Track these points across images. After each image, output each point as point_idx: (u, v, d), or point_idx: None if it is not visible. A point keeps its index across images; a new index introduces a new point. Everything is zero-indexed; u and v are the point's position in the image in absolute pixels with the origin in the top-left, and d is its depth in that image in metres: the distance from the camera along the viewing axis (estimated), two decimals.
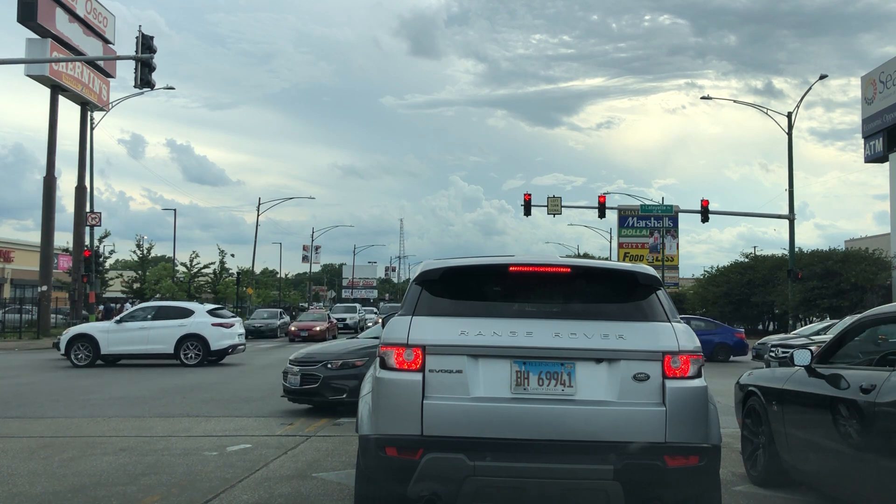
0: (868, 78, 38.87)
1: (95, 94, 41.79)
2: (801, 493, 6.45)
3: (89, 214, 41.21)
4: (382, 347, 4.58)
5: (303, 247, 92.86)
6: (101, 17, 42.41)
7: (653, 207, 47.07)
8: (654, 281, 4.79)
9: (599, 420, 4.32)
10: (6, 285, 56.99)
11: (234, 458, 7.99)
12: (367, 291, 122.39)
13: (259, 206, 66.43)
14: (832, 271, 36.59)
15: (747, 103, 47.78)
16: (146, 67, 24.01)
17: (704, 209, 38.63)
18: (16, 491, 6.53)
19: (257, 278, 77.61)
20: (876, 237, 48.56)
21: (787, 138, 38.78)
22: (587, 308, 4.71)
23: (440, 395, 4.37)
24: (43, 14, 36.55)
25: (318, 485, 6.77)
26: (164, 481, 6.87)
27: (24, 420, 10.91)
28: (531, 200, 40.25)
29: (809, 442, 5.74)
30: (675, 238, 62.05)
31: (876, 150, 38.18)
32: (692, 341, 4.54)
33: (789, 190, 38.66)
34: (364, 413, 4.71)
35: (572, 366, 4.43)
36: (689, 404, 4.39)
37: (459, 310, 4.62)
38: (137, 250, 57.88)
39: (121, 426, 10.24)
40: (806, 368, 5.95)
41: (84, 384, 16.19)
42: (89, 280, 39.23)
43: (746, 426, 7.13)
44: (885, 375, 4.77)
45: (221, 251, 66.12)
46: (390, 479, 4.45)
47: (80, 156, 41.59)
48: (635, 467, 4.20)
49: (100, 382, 16.58)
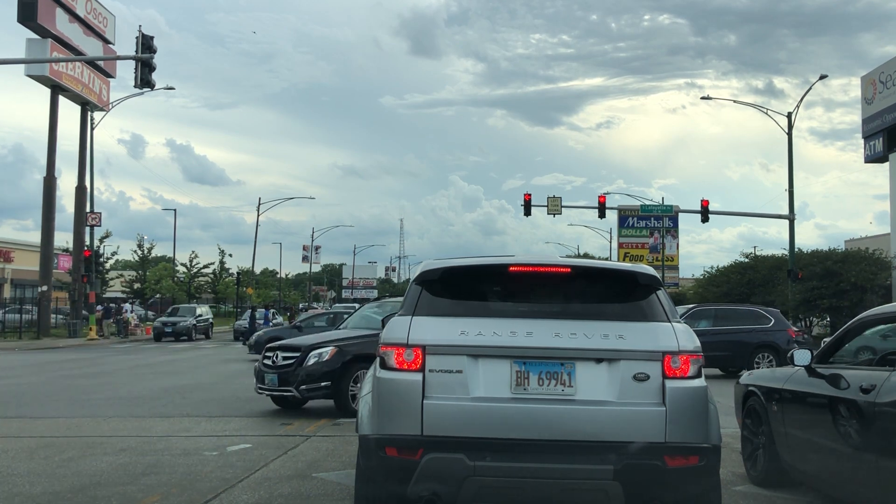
0: (868, 78, 38.85)
1: (95, 94, 41.79)
2: (801, 493, 6.44)
3: (89, 214, 41.22)
4: (382, 347, 4.58)
5: (303, 247, 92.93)
6: (101, 17, 42.42)
7: (653, 207, 47.06)
8: (654, 281, 4.79)
9: (599, 420, 4.32)
10: (6, 285, 56.96)
11: (234, 458, 7.99)
12: (367, 291, 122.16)
13: (259, 206, 66.45)
14: (832, 271, 36.52)
15: (747, 103, 47.77)
16: (146, 67, 24.02)
17: (704, 209, 38.63)
18: (16, 491, 6.53)
19: (257, 278, 77.65)
20: (876, 237, 48.50)
21: (787, 138, 38.79)
22: (587, 308, 4.71)
23: (440, 395, 4.37)
24: (43, 14, 36.56)
25: (318, 485, 6.77)
26: (164, 481, 6.87)
27: (24, 420, 10.91)
28: (531, 200, 40.25)
29: (809, 442, 5.74)
30: (675, 238, 62.04)
31: (876, 151, 38.14)
32: (692, 341, 4.54)
33: (789, 190, 38.66)
34: (364, 413, 4.71)
35: (572, 366, 4.43)
36: (689, 404, 4.39)
37: (459, 310, 4.62)
38: (138, 250, 57.95)
39: (121, 426, 10.23)
40: (806, 368, 5.95)
41: (84, 384, 16.19)
42: (89, 280, 39.25)
43: (746, 426, 7.13)
44: (885, 375, 4.77)
45: (221, 251, 66.33)
46: (390, 480, 4.45)
47: (80, 156, 41.61)
48: (635, 467, 4.20)
49: (100, 382, 16.59)
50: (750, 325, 19.23)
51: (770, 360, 18.26)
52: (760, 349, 18.67)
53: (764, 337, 18.92)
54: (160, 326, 39.09)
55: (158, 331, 38.77)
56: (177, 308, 44.20)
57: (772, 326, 19.18)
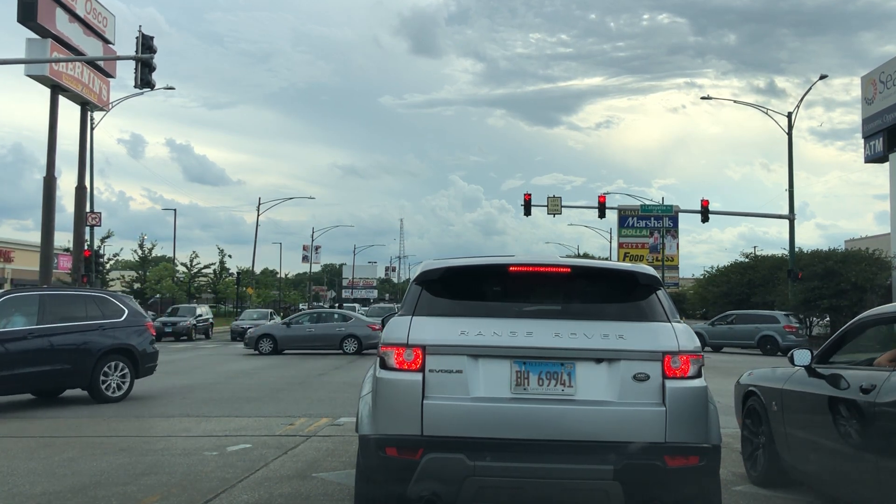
0: (868, 78, 38.85)
1: (95, 94, 41.78)
2: (801, 493, 6.44)
3: (89, 214, 41.22)
4: (382, 347, 4.58)
5: (303, 247, 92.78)
6: (101, 17, 42.40)
7: (653, 207, 47.08)
8: (654, 281, 4.79)
9: (599, 420, 4.32)
10: (6, 285, 56.93)
11: (234, 458, 7.99)
12: (367, 291, 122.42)
13: (259, 205, 66.39)
14: (832, 271, 36.55)
15: (747, 103, 47.80)
16: (146, 67, 24.01)
17: (704, 209, 38.65)
18: (16, 491, 6.53)
19: (257, 278, 77.57)
20: (876, 237, 48.52)
21: (787, 138, 38.80)
22: (587, 308, 4.71)
23: (440, 395, 4.37)
24: (43, 14, 36.53)
25: (318, 485, 6.77)
26: (164, 481, 6.87)
27: (24, 420, 10.91)
28: (531, 200, 40.27)
29: (809, 442, 5.74)
30: (676, 238, 62.06)
31: (876, 151, 38.15)
32: (692, 341, 4.55)
33: (789, 190, 38.68)
34: (364, 413, 4.71)
35: (572, 366, 4.43)
36: (689, 404, 4.39)
37: (459, 310, 4.62)
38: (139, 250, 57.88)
39: (121, 426, 10.24)
40: (806, 368, 5.95)
41: None
42: (89, 280, 39.22)
43: (746, 426, 7.13)
44: (885, 375, 4.77)
45: (221, 251, 66.17)
46: (390, 480, 4.45)
47: (80, 156, 41.56)
48: (635, 467, 4.20)
49: None
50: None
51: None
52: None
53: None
54: (160, 326, 39.07)
55: (158, 331, 38.73)
56: (177, 308, 44.23)
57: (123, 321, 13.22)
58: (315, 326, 27.48)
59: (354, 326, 26.86)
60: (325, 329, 27.25)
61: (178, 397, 13.69)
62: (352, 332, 26.67)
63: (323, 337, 26.91)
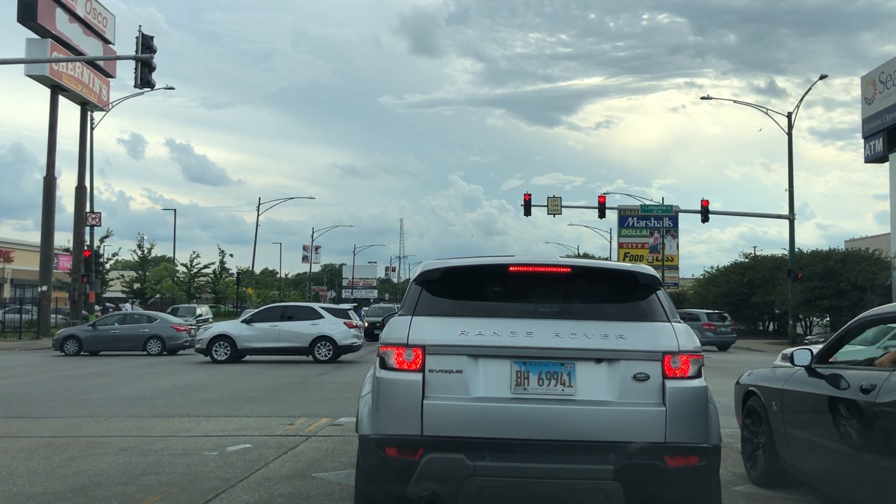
0: (868, 78, 38.86)
1: (95, 94, 41.79)
2: (801, 493, 6.44)
3: (89, 214, 41.24)
4: (382, 347, 4.58)
5: (303, 247, 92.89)
6: (101, 17, 42.42)
7: (653, 207, 47.10)
8: (654, 281, 4.79)
9: (599, 420, 4.32)
10: (6, 285, 56.98)
11: (234, 458, 7.99)
12: (367, 291, 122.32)
13: (259, 205, 66.48)
14: (832, 271, 36.56)
15: (747, 103, 47.77)
16: (146, 67, 24.02)
17: (704, 209, 38.67)
18: (16, 491, 6.53)
19: (257, 278, 77.66)
20: (876, 237, 48.55)
21: (787, 138, 38.82)
22: (587, 308, 4.71)
23: (440, 395, 4.37)
24: (43, 14, 36.57)
25: (318, 485, 6.77)
26: (164, 481, 6.87)
27: (24, 420, 10.91)
28: (531, 200, 40.29)
29: (809, 442, 5.74)
30: (675, 238, 62.10)
31: (876, 151, 38.17)
32: (692, 341, 4.55)
33: (789, 190, 38.71)
34: (364, 413, 4.71)
35: (572, 366, 4.43)
36: (689, 404, 4.39)
37: (459, 310, 4.62)
38: (139, 250, 57.92)
39: (121, 426, 10.24)
40: (806, 368, 5.95)
41: (84, 384, 16.20)
42: (89, 280, 39.27)
43: (746, 426, 7.13)
44: (885, 375, 4.77)
45: (221, 251, 66.24)
46: (390, 479, 4.45)
47: (80, 156, 41.60)
48: (635, 467, 4.20)
49: (100, 382, 16.59)
50: None
51: None
52: None
53: None
54: None
55: None
56: (177, 308, 44.27)
57: None
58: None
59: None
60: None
61: (178, 397, 13.69)
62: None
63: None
